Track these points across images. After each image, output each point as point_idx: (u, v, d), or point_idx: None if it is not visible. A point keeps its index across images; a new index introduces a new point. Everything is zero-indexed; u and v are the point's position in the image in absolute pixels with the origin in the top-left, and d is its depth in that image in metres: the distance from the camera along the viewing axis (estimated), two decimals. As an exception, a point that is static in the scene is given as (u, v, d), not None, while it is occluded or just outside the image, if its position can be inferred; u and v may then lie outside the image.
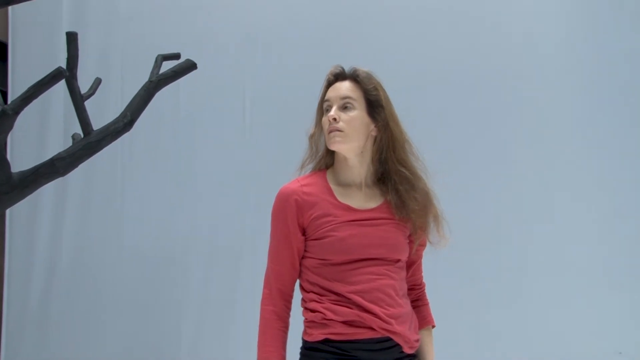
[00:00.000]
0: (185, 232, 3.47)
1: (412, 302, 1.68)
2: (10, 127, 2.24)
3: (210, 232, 3.46)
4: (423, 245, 1.67)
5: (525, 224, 3.21)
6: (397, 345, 1.54)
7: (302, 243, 1.57)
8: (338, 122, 1.55)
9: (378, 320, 1.51)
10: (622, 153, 3.35)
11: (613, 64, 3.43)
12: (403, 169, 1.58)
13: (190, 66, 2.75)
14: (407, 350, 1.56)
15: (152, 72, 2.73)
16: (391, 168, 1.59)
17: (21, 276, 3.54)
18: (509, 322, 3.14)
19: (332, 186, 1.60)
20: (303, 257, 1.59)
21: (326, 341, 1.53)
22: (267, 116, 3.54)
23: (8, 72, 3.64)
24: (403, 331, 1.54)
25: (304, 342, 1.60)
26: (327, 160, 1.64)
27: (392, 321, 1.52)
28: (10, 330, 3.51)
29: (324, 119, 1.59)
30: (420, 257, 1.70)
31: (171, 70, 2.71)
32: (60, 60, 3.40)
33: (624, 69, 3.42)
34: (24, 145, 3.47)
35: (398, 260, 1.58)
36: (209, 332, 3.41)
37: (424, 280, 1.74)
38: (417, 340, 1.61)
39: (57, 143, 3.46)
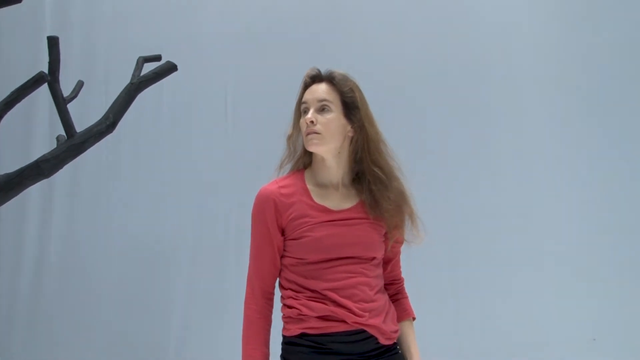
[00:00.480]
0: (171, 231, 3.52)
1: (391, 296, 1.73)
2: (-6, 131, 2.29)
3: (195, 230, 3.52)
4: (399, 243, 1.71)
5: (504, 218, 3.30)
6: (372, 336, 1.59)
7: (282, 242, 1.62)
8: (315, 125, 1.58)
9: (351, 314, 1.56)
10: (597, 150, 3.46)
11: (590, 59, 3.52)
12: (377, 169, 1.62)
13: (170, 68, 2.81)
14: (384, 341, 1.61)
15: (133, 74, 2.79)
16: (366, 168, 1.63)
17: (9, 276, 3.57)
18: (487, 312, 3.24)
19: (310, 187, 1.64)
20: (282, 256, 1.64)
21: (303, 335, 1.59)
22: (249, 116, 3.60)
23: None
24: (377, 323, 1.58)
25: (284, 337, 1.66)
26: (304, 161, 1.69)
27: (365, 314, 1.57)
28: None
29: (302, 121, 1.62)
30: (397, 253, 1.74)
31: (152, 72, 2.77)
32: (44, 62, 3.47)
33: (600, 65, 3.52)
34: (9, 148, 3.49)
35: (373, 258, 1.63)
36: (196, 328, 3.46)
37: (403, 275, 1.79)
38: (395, 332, 1.65)
39: (42, 145, 3.49)
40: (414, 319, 1.77)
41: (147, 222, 3.55)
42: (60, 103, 2.50)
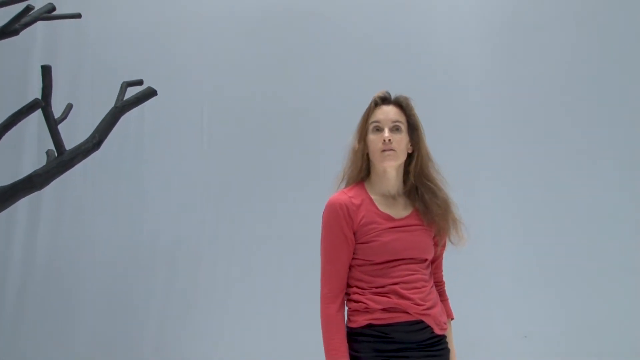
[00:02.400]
0: (149, 239, 3.78)
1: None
2: (-7, 150, 2.58)
3: (173, 239, 3.79)
4: (443, 246, 1.89)
5: None
6: (428, 327, 1.75)
7: (354, 245, 1.77)
8: (392, 143, 1.77)
9: (413, 305, 1.72)
10: (546, 157, 3.75)
11: (536, 68, 3.84)
12: (428, 181, 1.83)
13: (151, 93, 3.10)
14: (438, 331, 1.77)
15: (117, 98, 3.08)
16: (419, 180, 1.83)
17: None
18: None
19: (373, 196, 1.82)
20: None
21: (369, 326, 1.74)
22: (223, 134, 3.90)
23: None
24: (434, 314, 1.76)
25: (349, 329, 1.79)
26: (365, 174, 1.86)
27: (425, 304, 1.74)
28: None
29: (374, 138, 1.79)
30: (441, 255, 1.92)
31: (134, 97, 3.07)
32: (33, 84, 3.75)
33: (547, 73, 3.85)
34: (2, 162, 3.72)
35: (426, 260, 1.81)
36: (171, 328, 3.72)
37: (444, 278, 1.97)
38: (446, 323, 1.83)
39: (32, 160, 3.77)
40: (452, 319, 1.94)
41: (127, 231, 3.80)
42: (52, 124, 2.79)
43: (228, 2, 3.96)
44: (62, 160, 2.82)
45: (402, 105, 1.83)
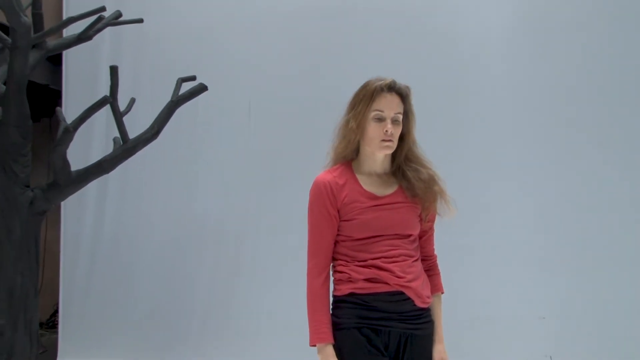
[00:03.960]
0: (200, 217, 4.24)
1: (425, 271, 1.90)
2: (71, 140, 3.03)
3: (220, 217, 4.24)
4: (432, 220, 1.90)
5: (472, 212, 3.72)
6: (409, 299, 1.78)
7: (338, 221, 1.81)
8: (392, 135, 1.79)
9: (393, 277, 1.75)
10: (556, 153, 3.98)
11: (542, 74, 4.05)
12: (412, 162, 1.87)
13: (202, 88, 3.48)
14: (419, 304, 1.80)
15: (173, 93, 3.49)
16: (404, 159, 1.87)
17: (73, 250, 4.36)
18: (453, 293, 3.84)
19: (358, 175, 1.86)
20: None
21: (352, 294, 1.79)
22: (268, 123, 4.29)
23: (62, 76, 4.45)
24: (415, 286, 1.78)
25: (334, 297, 1.85)
26: (354, 153, 1.89)
27: (405, 276, 1.76)
28: (65, 295, 4.36)
29: (376, 126, 1.79)
30: (429, 229, 1.92)
31: (188, 92, 3.45)
32: (101, 81, 4.25)
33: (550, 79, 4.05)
34: (75, 149, 4.23)
35: (410, 235, 1.83)
36: (218, 297, 4.19)
37: (436, 253, 2.00)
38: (429, 297, 1.84)
39: (100, 146, 4.30)
40: (442, 293, 1.95)
41: (180, 210, 4.28)
42: (118, 117, 3.24)
43: (269, 3, 4.31)
44: (126, 148, 3.27)
45: (403, 95, 1.83)
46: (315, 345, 1.79)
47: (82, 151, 4.16)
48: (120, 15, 3.41)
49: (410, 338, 1.79)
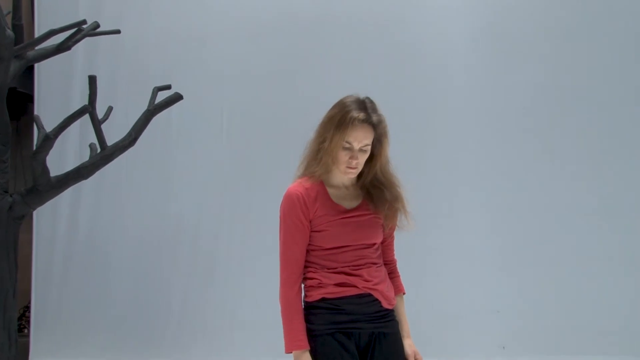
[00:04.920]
0: (175, 220, 4.40)
1: (387, 274, 2.01)
2: (51, 147, 3.15)
3: (194, 220, 4.40)
4: (392, 229, 1.99)
5: (434, 216, 4.05)
6: (377, 300, 1.89)
7: (310, 232, 1.89)
8: (357, 163, 1.87)
9: (361, 280, 1.86)
10: (513, 161, 4.27)
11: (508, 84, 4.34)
12: (380, 181, 1.95)
13: (178, 97, 3.60)
14: (386, 305, 1.91)
15: (150, 102, 3.62)
16: (370, 180, 1.95)
17: (46, 252, 4.43)
18: (416, 293, 4.09)
19: (328, 188, 1.94)
20: None
21: (323, 299, 1.88)
22: (240, 131, 4.47)
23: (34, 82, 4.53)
24: (381, 289, 1.90)
25: (306, 303, 1.93)
26: (324, 172, 1.94)
27: (372, 280, 1.88)
28: (37, 296, 4.44)
29: (344, 154, 1.86)
30: (390, 237, 2.02)
31: (164, 101, 3.58)
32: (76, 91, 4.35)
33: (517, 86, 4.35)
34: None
35: (374, 244, 1.93)
36: (193, 297, 4.34)
37: (395, 257, 2.12)
38: (394, 299, 1.96)
39: (73, 151, 4.40)
40: (404, 294, 2.07)
41: (155, 213, 4.41)
42: (97, 125, 3.37)
43: (242, 14, 4.48)
44: (105, 155, 3.40)
45: (374, 125, 1.87)
46: (291, 352, 1.86)
47: (55, 156, 4.22)
48: (98, 26, 3.53)
49: (379, 336, 1.90)
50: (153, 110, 3.57)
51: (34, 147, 4.42)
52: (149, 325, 4.35)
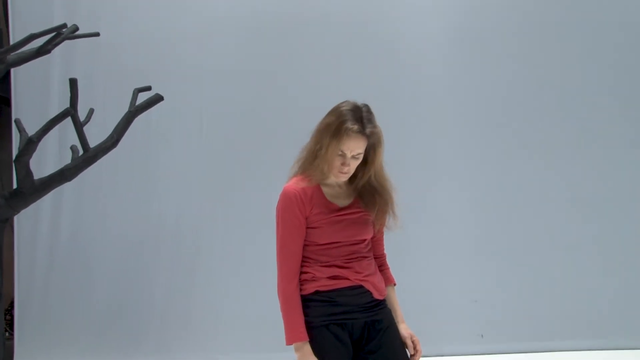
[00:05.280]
0: (157, 219, 4.43)
1: (377, 267, 2.11)
2: (34, 150, 3.17)
3: (176, 219, 4.44)
4: (382, 225, 2.08)
5: (412, 209, 4.16)
6: (368, 291, 1.98)
7: (306, 229, 1.97)
8: (348, 170, 1.96)
9: (353, 273, 1.95)
10: (488, 154, 4.41)
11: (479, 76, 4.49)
12: (373, 185, 2.04)
13: (158, 99, 3.67)
14: (377, 296, 2.00)
15: (130, 103, 3.66)
16: (363, 184, 2.04)
17: (27, 253, 4.42)
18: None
19: (322, 187, 2.02)
20: None
21: (316, 292, 1.97)
22: (219, 128, 4.51)
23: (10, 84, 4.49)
24: (372, 281, 1.99)
25: (301, 296, 1.99)
26: (319, 175, 2.01)
27: (363, 272, 1.97)
28: (20, 298, 4.42)
29: (337, 160, 1.94)
30: (380, 233, 2.11)
31: (145, 102, 3.64)
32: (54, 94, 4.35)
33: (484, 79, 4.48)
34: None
35: (365, 240, 2.03)
36: (176, 294, 4.38)
37: (385, 252, 2.21)
38: (385, 290, 2.06)
39: (53, 152, 4.39)
40: (394, 285, 2.17)
41: (137, 212, 4.44)
42: (79, 127, 3.40)
43: (220, 14, 4.53)
44: (87, 157, 3.43)
45: (368, 137, 1.95)
46: (292, 344, 1.93)
47: (35, 157, 4.24)
48: (77, 29, 3.55)
49: (372, 324, 1.99)
50: (134, 111, 3.62)
51: (14, 150, 4.47)
52: (132, 324, 4.38)
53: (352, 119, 1.93)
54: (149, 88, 3.77)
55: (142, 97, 3.71)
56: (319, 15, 4.53)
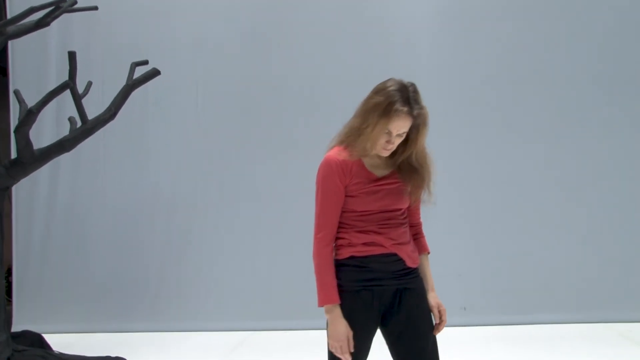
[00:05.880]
0: (152, 190, 4.57)
1: (413, 235, 2.14)
2: (34, 121, 3.25)
3: (171, 190, 4.60)
4: (418, 198, 2.09)
5: None
6: (401, 259, 2.00)
7: (344, 197, 2.01)
8: (392, 147, 1.99)
9: (388, 239, 1.98)
10: (474, 134, 4.53)
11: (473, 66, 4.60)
12: (412, 163, 2.06)
13: (155, 73, 3.72)
14: (410, 264, 2.02)
15: (128, 77, 3.72)
16: (402, 157, 2.05)
17: (25, 222, 4.58)
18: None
19: (362, 158, 2.04)
20: None
21: (351, 257, 2.01)
22: (214, 102, 4.63)
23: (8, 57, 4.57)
24: (406, 249, 2.01)
25: (335, 261, 2.03)
26: (361, 151, 2.03)
27: (398, 240, 1.99)
28: (18, 265, 4.58)
29: (383, 137, 1.97)
30: (416, 202, 2.12)
31: (142, 76, 3.69)
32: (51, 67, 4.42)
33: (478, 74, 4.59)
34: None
35: (400, 209, 2.05)
36: (170, 263, 4.54)
37: (421, 220, 2.22)
38: (417, 259, 2.08)
39: (52, 127, 4.49)
40: (428, 253, 2.18)
41: (133, 183, 4.58)
42: (77, 99, 3.47)
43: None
44: (86, 128, 3.52)
45: (415, 117, 1.97)
46: (323, 306, 1.99)
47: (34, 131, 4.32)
48: (75, 2, 3.61)
49: (403, 292, 2.02)
50: (132, 85, 3.68)
51: (11, 120, 4.55)
52: (127, 291, 4.55)
53: (400, 100, 1.95)
54: (146, 62, 3.82)
55: (140, 71, 3.78)
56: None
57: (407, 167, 2.05)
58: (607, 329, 4.22)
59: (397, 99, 1.94)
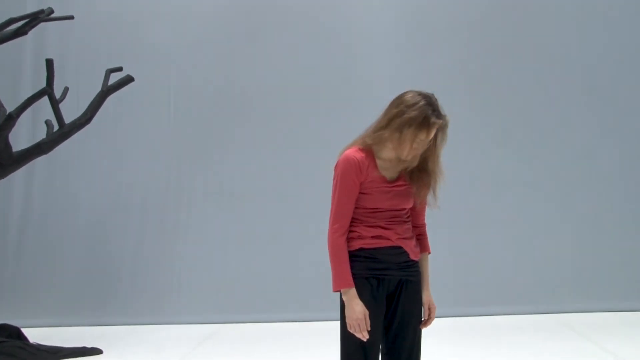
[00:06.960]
0: (125, 191, 4.79)
1: (416, 236, 2.30)
2: (13, 125, 3.45)
3: (143, 191, 4.82)
4: (423, 200, 2.25)
5: None
6: (405, 252, 2.18)
7: (359, 193, 2.17)
8: (418, 153, 2.15)
9: (394, 234, 2.15)
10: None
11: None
12: (423, 168, 2.21)
13: (129, 79, 3.96)
14: (413, 257, 2.20)
15: (103, 83, 3.94)
16: (420, 163, 2.20)
17: (2, 222, 4.75)
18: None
19: (377, 160, 2.20)
20: None
21: (361, 249, 2.17)
22: (185, 105, 4.85)
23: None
24: (409, 243, 2.19)
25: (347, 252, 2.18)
26: (379, 147, 2.20)
27: (403, 235, 2.17)
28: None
29: (409, 144, 2.11)
30: (422, 204, 2.27)
31: (117, 82, 3.92)
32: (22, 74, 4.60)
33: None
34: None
35: (405, 209, 2.22)
36: (143, 263, 4.76)
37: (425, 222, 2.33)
38: (419, 253, 2.25)
39: (27, 131, 4.67)
40: (429, 253, 2.32)
41: (106, 185, 4.79)
42: (55, 105, 3.68)
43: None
44: (63, 132, 3.72)
45: (442, 129, 2.15)
46: (339, 290, 2.18)
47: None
48: (52, 12, 3.80)
49: (405, 283, 2.21)
50: (107, 91, 3.91)
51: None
52: (101, 287, 4.75)
53: (433, 113, 2.11)
54: (120, 69, 4.06)
55: (114, 78, 3.99)
56: (281, 5, 4.90)
57: (418, 170, 2.22)
58: (586, 317, 4.55)
59: (430, 112, 2.11)
